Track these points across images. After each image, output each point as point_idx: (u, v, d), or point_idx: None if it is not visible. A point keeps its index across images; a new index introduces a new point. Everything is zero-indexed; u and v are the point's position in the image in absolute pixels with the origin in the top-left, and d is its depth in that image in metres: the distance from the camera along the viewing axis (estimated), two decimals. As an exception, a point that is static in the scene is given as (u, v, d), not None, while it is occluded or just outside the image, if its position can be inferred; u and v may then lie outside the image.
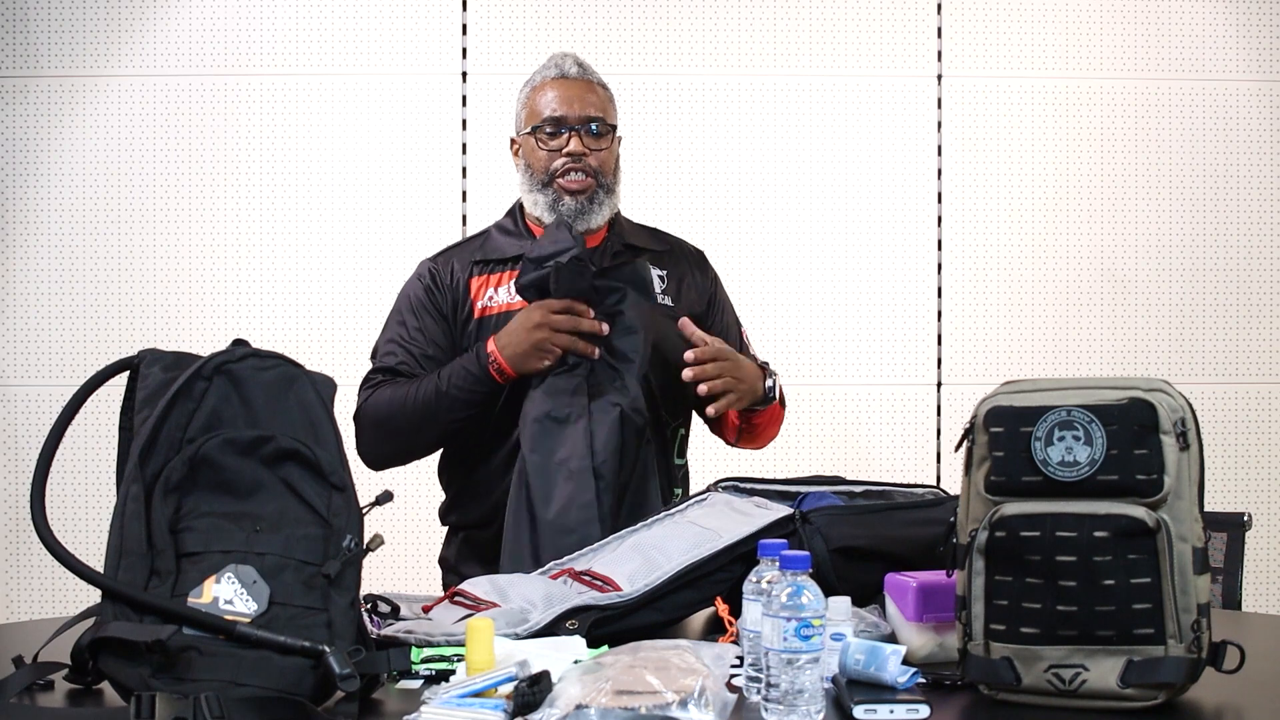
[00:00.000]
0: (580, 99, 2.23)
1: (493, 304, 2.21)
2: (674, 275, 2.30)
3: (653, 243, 2.33)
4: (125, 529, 1.31)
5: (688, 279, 2.31)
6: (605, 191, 2.24)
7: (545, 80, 2.26)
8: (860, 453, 3.51)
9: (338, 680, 1.25)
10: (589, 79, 2.26)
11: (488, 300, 2.22)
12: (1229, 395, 3.56)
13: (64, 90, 3.48)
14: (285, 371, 1.41)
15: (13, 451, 3.47)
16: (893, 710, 1.25)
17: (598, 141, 2.22)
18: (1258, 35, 3.58)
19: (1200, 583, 1.29)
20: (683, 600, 1.65)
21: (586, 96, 2.23)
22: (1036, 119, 3.56)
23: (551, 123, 2.21)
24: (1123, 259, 3.57)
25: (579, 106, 2.22)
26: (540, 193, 2.23)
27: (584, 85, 2.25)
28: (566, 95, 2.23)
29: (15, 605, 3.44)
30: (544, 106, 2.23)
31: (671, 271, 2.30)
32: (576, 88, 2.24)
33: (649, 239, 2.34)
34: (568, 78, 2.25)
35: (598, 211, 2.23)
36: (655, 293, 2.22)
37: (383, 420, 2.14)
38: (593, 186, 2.22)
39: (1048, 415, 1.31)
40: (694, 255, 2.39)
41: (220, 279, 3.48)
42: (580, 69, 2.27)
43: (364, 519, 1.38)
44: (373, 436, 2.17)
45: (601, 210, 2.23)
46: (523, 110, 2.29)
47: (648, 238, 2.34)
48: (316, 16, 3.51)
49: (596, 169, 2.22)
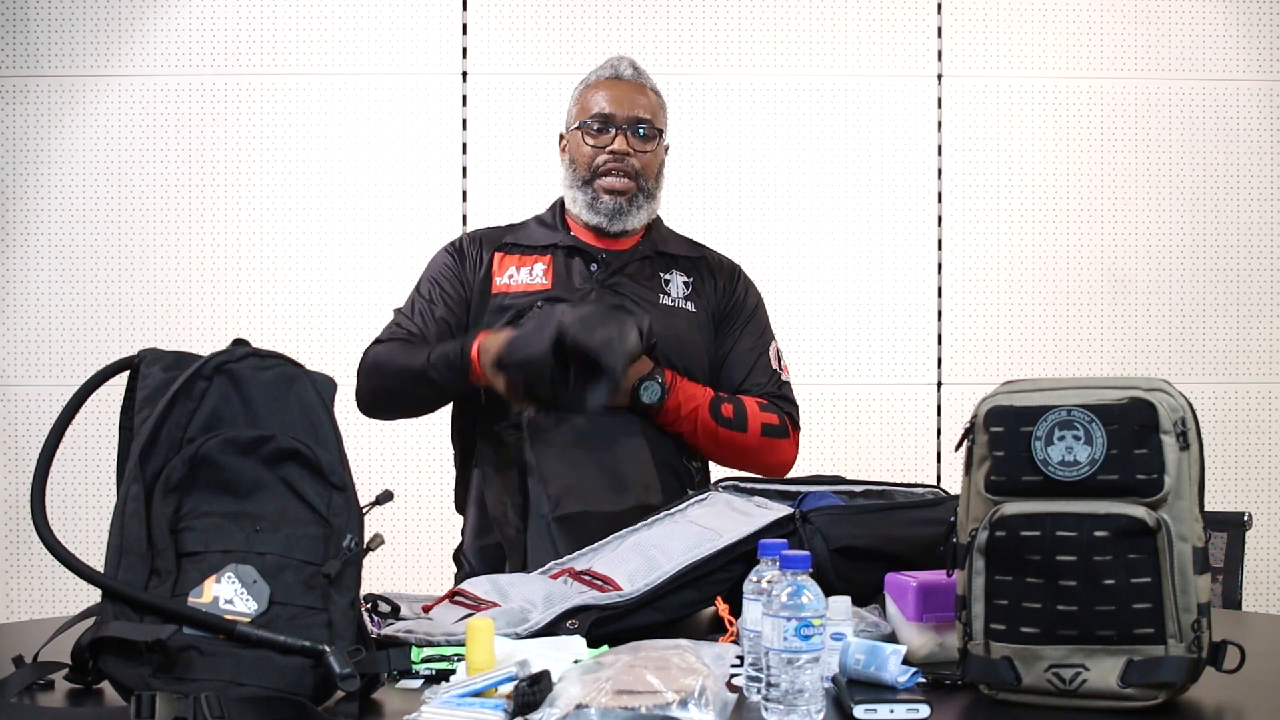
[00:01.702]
0: (630, 100, 2.23)
1: (512, 283, 2.22)
2: (699, 281, 2.29)
3: (686, 250, 2.33)
4: (125, 529, 1.31)
5: (711, 286, 2.31)
6: (645, 196, 2.23)
7: (599, 79, 2.27)
8: (860, 453, 3.51)
9: (338, 680, 1.25)
10: (642, 82, 2.27)
11: (507, 278, 2.22)
12: (1229, 395, 3.56)
13: (64, 90, 3.48)
14: (285, 371, 1.41)
15: (13, 451, 3.47)
16: (893, 710, 1.25)
17: (643, 144, 2.22)
18: (1258, 35, 3.58)
19: (1200, 582, 1.29)
20: (683, 600, 1.65)
21: (637, 98, 2.24)
22: (1036, 119, 3.56)
23: (599, 119, 2.22)
24: (1123, 259, 3.57)
25: (628, 107, 2.22)
26: (580, 190, 2.23)
27: (636, 87, 2.25)
28: (617, 95, 2.23)
29: (15, 605, 3.44)
30: (593, 104, 2.23)
31: (697, 278, 2.30)
32: (628, 89, 2.24)
33: (684, 247, 2.34)
34: (621, 79, 2.26)
35: (634, 215, 2.23)
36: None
37: (375, 371, 2.17)
38: (633, 189, 2.22)
39: (1048, 415, 1.31)
40: (726, 267, 2.36)
41: (220, 279, 3.48)
42: (635, 72, 2.27)
43: (364, 519, 1.38)
44: (364, 385, 2.20)
45: (639, 214, 2.23)
46: (574, 106, 2.29)
47: (683, 246, 2.34)
48: (316, 16, 3.51)
49: (639, 171, 2.22)
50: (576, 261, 2.23)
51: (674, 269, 2.28)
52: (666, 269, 2.28)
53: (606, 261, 2.23)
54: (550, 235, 2.26)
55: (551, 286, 2.19)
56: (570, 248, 2.24)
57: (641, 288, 2.23)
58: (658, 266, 2.27)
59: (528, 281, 2.21)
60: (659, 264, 2.27)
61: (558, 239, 2.25)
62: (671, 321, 2.19)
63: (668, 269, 2.28)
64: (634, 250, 2.26)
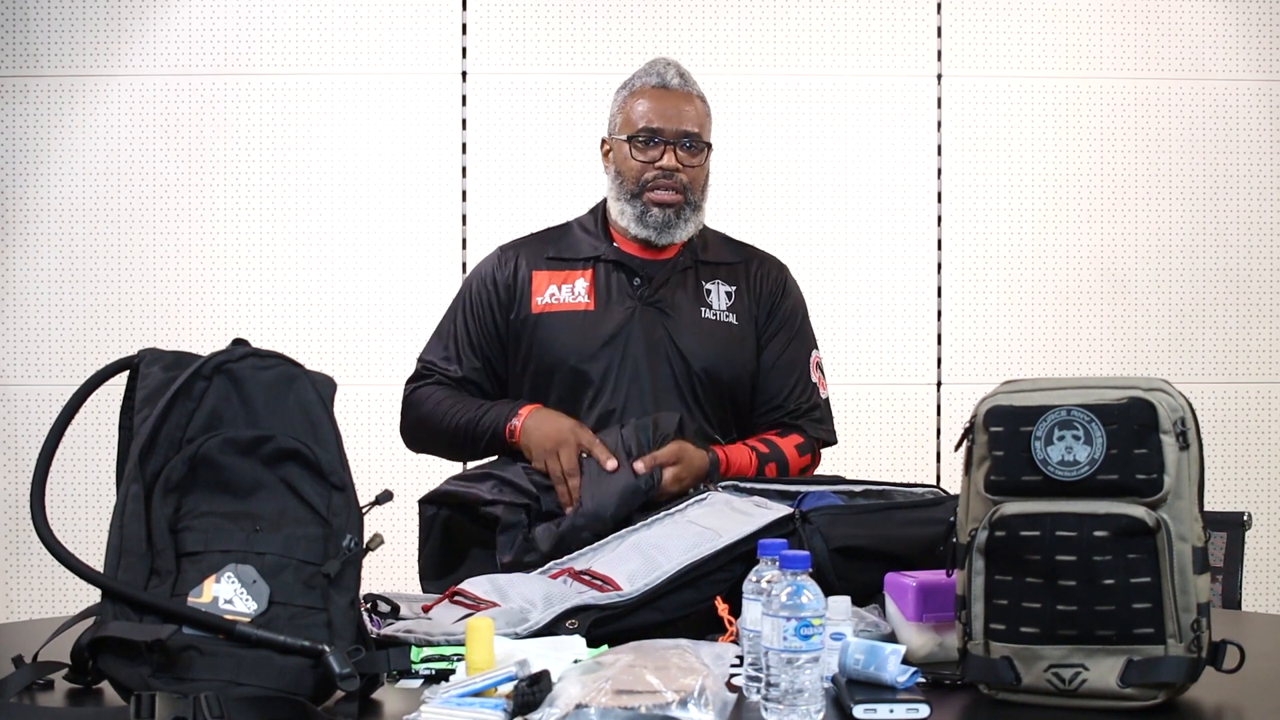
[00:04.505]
0: (679, 112, 2.20)
1: (555, 302, 2.21)
2: (742, 289, 2.28)
3: (729, 256, 2.31)
4: (125, 529, 1.31)
5: (755, 295, 2.29)
6: (692, 209, 2.22)
7: (645, 87, 2.23)
8: (860, 453, 3.50)
9: (338, 680, 1.26)
10: (689, 90, 2.23)
11: (549, 297, 2.22)
12: (1229, 395, 3.56)
13: (64, 90, 3.48)
14: (285, 371, 1.41)
15: (13, 451, 3.47)
16: (893, 710, 1.25)
17: (692, 158, 2.20)
18: (1258, 35, 3.58)
19: (1200, 582, 1.29)
20: (683, 600, 1.65)
21: (685, 110, 2.20)
22: (1036, 119, 3.56)
23: (647, 133, 2.19)
24: (1123, 259, 3.57)
25: (676, 120, 2.19)
26: (629, 203, 2.21)
27: (683, 98, 2.22)
28: (664, 107, 2.20)
29: (15, 605, 3.44)
30: (640, 115, 2.20)
31: (741, 286, 2.28)
32: (676, 100, 2.21)
33: (727, 252, 2.32)
34: (668, 88, 2.22)
35: (683, 227, 2.21)
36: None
37: (424, 421, 2.23)
38: (680, 202, 2.19)
39: (1048, 415, 1.31)
40: (772, 273, 2.33)
41: (220, 279, 3.48)
42: (682, 80, 2.24)
43: (364, 519, 1.38)
44: (413, 434, 2.28)
45: (686, 226, 2.22)
46: (618, 114, 2.26)
47: (726, 251, 2.32)
48: (316, 16, 3.51)
49: (687, 185, 2.20)
50: (618, 276, 2.22)
51: (716, 278, 2.27)
52: (709, 278, 2.27)
53: (649, 275, 2.22)
54: (593, 245, 2.25)
55: (594, 307, 2.19)
56: (612, 262, 2.23)
57: (684, 302, 2.22)
58: (701, 276, 2.26)
59: (570, 301, 2.21)
60: (702, 273, 2.26)
61: (600, 250, 2.24)
62: (713, 336, 2.20)
63: (710, 278, 2.27)
64: (675, 262, 2.24)
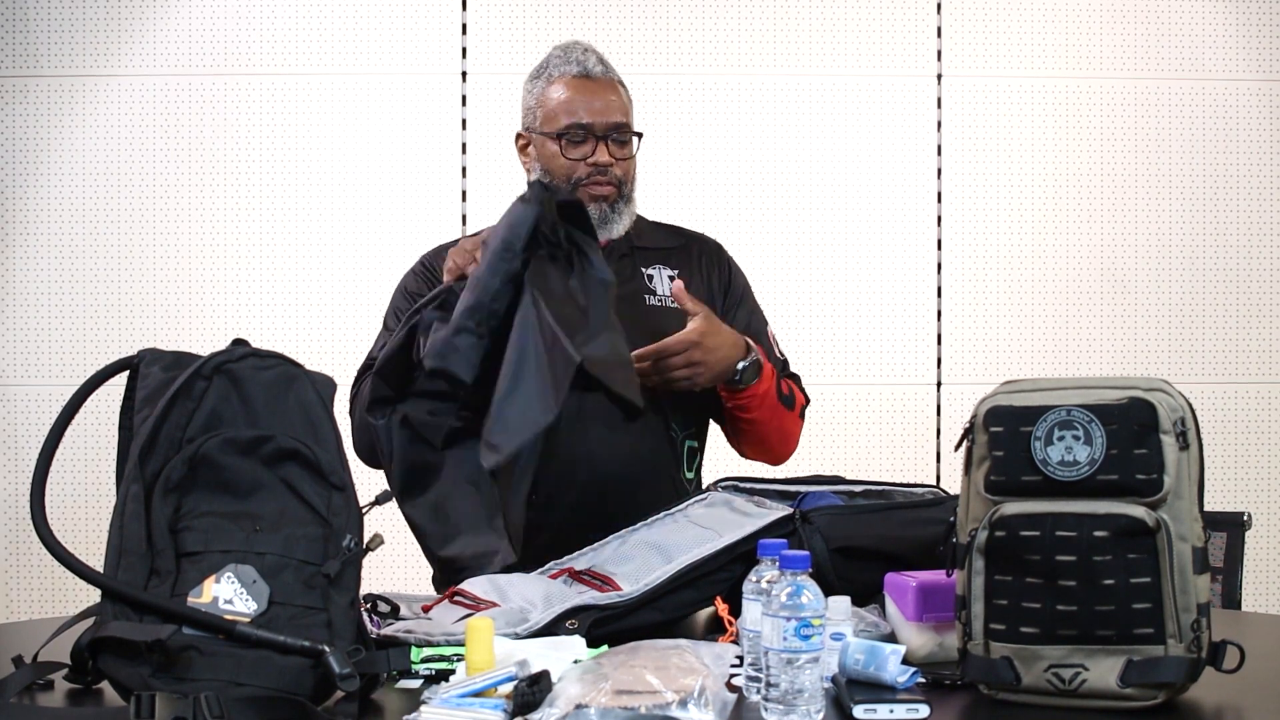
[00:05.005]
0: (606, 104, 2.10)
1: None
2: (685, 273, 2.21)
3: (665, 240, 2.24)
4: (125, 529, 1.31)
5: (699, 277, 2.22)
6: (625, 201, 2.14)
7: (566, 77, 2.12)
8: (860, 453, 3.51)
9: (338, 680, 1.26)
10: (612, 77, 2.14)
11: None
12: (1229, 395, 3.56)
13: (64, 90, 3.48)
14: (285, 371, 1.41)
15: (13, 451, 3.47)
16: (892, 710, 1.25)
17: (622, 150, 2.12)
18: (1258, 35, 3.58)
19: (1200, 582, 1.29)
20: (683, 600, 1.65)
21: (611, 100, 2.11)
22: (1036, 119, 3.56)
23: (576, 130, 2.09)
24: (1123, 259, 3.57)
25: (604, 113, 2.10)
26: None
27: (608, 87, 2.13)
28: (590, 100, 2.10)
29: (15, 605, 3.44)
30: (565, 110, 2.10)
31: (684, 270, 2.21)
32: (601, 90, 2.11)
33: (663, 237, 2.24)
34: (591, 77, 2.12)
35: (619, 221, 2.13)
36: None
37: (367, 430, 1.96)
38: (615, 195, 2.12)
39: (1047, 415, 1.31)
40: (710, 248, 2.28)
41: (220, 279, 3.48)
42: (603, 67, 2.14)
43: (364, 519, 1.38)
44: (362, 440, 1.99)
45: (622, 219, 2.14)
46: (537, 107, 2.15)
47: (662, 236, 2.25)
48: (316, 16, 3.51)
49: (620, 178, 2.12)
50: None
51: (656, 263, 2.20)
52: (648, 264, 2.19)
53: None
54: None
55: None
56: None
57: (625, 289, 2.11)
58: (639, 263, 2.18)
59: None
60: (639, 260, 2.19)
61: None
62: (662, 323, 2.07)
63: (649, 264, 2.19)
64: (610, 250, 2.13)
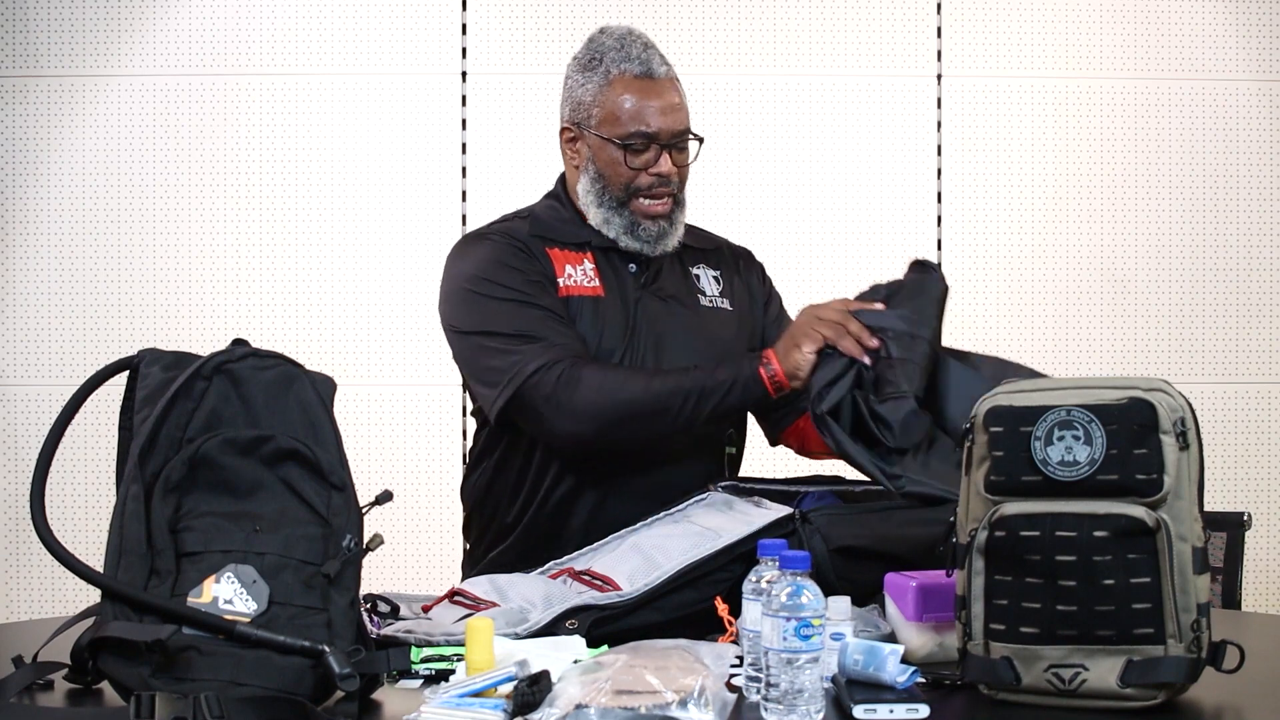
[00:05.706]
0: (673, 109, 1.98)
1: (573, 284, 2.00)
2: (726, 276, 2.15)
3: (703, 241, 2.17)
4: (125, 529, 1.31)
5: (738, 278, 2.18)
6: (680, 208, 2.05)
7: (627, 76, 1.98)
8: (860, 453, 3.50)
9: (337, 680, 1.26)
10: (672, 77, 2.01)
11: (568, 279, 2.00)
12: (1229, 395, 3.56)
13: (64, 90, 3.48)
14: (285, 371, 1.41)
15: (13, 451, 3.47)
16: (892, 710, 1.25)
17: (683, 157, 2.02)
18: (1258, 35, 3.58)
19: (1200, 582, 1.29)
20: (683, 600, 1.65)
21: (676, 105, 1.98)
22: (1036, 119, 3.56)
23: (642, 139, 1.96)
24: (1123, 259, 3.57)
25: (672, 119, 1.97)
26: (614, 212, 2.01)
27: (670, 88, 1.99)
28: (659, 105, 1.97)
29: (15, 605, 3.44)
30: (631, 117, 1.96)
31: (724, 271, 2.15)
32: (665, 93, 1.98)
33: (699, 238, 2.17)
34: (655, 78, 1.98)
35: (674, 233, 2.04)
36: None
37: (613, 391, 1.87)
38: (671, 205, 2.02)
39: (1047, 415, 1.31)
40: (742, 254, 2.22)
41: (220, 279, 3.48)
42: (666, 66, 2.00)
43: (364, 519, 1.38)
44: (603, 422, 1.87)
45: (678, 230, 2.05)
46: (594, 105, 2.00)
47: (697, 236, 2.17)
48: (316, 16, 3.51)
49: (678, 184, 2.02)
50: (616, 262, 2.04)
51: (700, 263, 2.14)
52: (694, 263, 2.14)
53: (644, 261, 2.06)
54: (578, 231, 2.05)
55: (604, 294, 2.01)
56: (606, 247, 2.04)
57: (680, 291, 2.08)
58: (687, 262, 2.13)
59: (583, 283, 2.01)
60: (687, 259, 2.12)
61: (587, 235, 2.04)
62: (714, 324, 2.06)
63: (695, 263, 2.14)
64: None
